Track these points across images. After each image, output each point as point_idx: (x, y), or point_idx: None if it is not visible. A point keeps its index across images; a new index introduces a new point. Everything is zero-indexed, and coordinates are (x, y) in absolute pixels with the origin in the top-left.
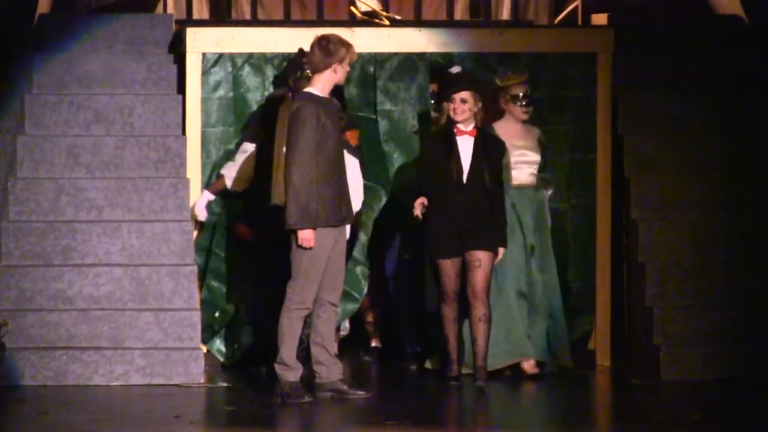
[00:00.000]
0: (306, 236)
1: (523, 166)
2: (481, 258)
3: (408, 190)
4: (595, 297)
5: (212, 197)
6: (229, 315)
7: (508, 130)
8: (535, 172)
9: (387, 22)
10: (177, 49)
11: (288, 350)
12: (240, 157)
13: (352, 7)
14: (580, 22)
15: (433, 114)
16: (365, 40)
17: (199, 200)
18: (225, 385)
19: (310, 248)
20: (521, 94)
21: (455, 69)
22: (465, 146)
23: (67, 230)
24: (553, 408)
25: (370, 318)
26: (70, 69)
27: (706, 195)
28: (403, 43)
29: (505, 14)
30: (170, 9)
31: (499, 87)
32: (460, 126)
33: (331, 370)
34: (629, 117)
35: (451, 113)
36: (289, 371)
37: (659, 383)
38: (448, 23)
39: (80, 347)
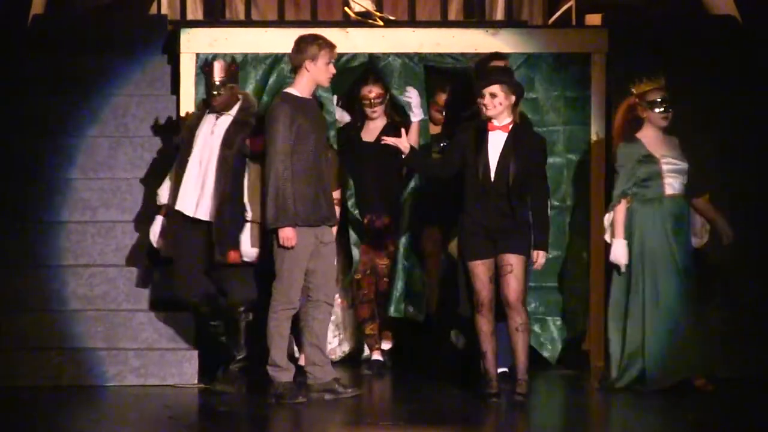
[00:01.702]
0: (286, 235)
1: (674, 175)
2: (512, 263)
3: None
4: (589, 297)
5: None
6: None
7: (650, 139)
8: (685, 180)
9: (381, 23)
10: (171, 50)
11: (278, 351)
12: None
13: (346, 8)
14: (574, 23)
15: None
16: (359, 41)
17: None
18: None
19: (292, 247)
20: (659, 99)
21: None
22: (495, 142)
23: (62, 231)
24: (547, 409)
25: (369, 330)
26: (64, 69)
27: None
28: (397, 44)
29: (500, 15)
30: (164, 9)
31: (635, 95)
32: (494, 121)
33: (324, 370)
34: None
35: (483, 109)
36: (282, 372)
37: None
38: (442, 23)
39: (75, 348)
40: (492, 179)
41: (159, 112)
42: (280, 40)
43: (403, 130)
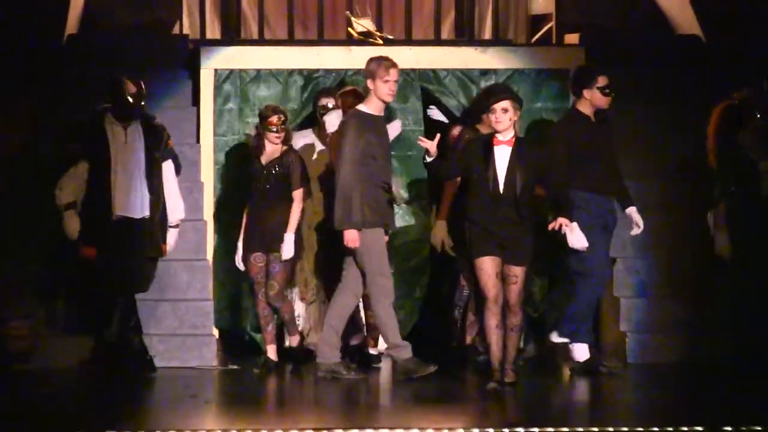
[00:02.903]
0: (351, 237)
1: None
2: (517, 274)
3: None
4: None
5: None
6: None
7: (751, 141)
8: None
9: (381, 42)
10: (192, 66)
11: (395, 334)
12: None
13: (349, 28)
14: (554, 41)
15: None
16: (361, 58)
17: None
18: (235, 367)
19: (356, 247)
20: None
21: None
22: (502, 156)
23: None
24: (524, 392)
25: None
26: (95, 84)
27: (666, 196)
28: (395, 61)
29: (487, 34)
30: (185, 29)
31: (744, 99)
32: (499, 135)
33: (333, 352)
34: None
35: (493, 123)
36: (403, 350)
37: (625, 366)
38: (435, 42)
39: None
40: (501, 190)
41: (181, 121)
42: (290, 57)
43: (439, 135)
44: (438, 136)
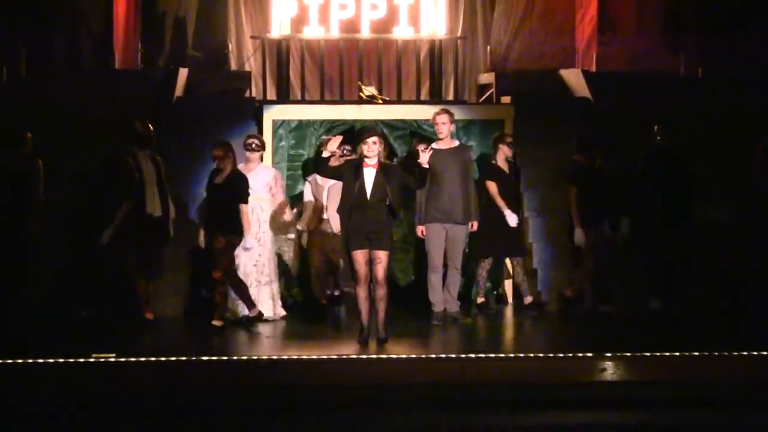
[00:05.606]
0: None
1: None
2: (380, 257)
3: None
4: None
5: None
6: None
7: None
8: None
9: (381, 101)
10: (257, 117)
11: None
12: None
13: (359, 93)
14: (494, 101)
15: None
16: (369, 113)
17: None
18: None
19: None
20: None
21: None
22: (369, 174)
23: (191, 226)
24: (470, 330)
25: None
26: (195, 131)
27: (564, 200)
28: (391, 113)
29: (451, 96)
30: (254, 93)
31: None
32: (367, 160)
33: (452, 304)
34: (522, 157)
35: (365, 151)
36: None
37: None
38: (416, 102)
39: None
40: (368, 198)
41: None
42: (322, 112)
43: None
44: (431, 150)
